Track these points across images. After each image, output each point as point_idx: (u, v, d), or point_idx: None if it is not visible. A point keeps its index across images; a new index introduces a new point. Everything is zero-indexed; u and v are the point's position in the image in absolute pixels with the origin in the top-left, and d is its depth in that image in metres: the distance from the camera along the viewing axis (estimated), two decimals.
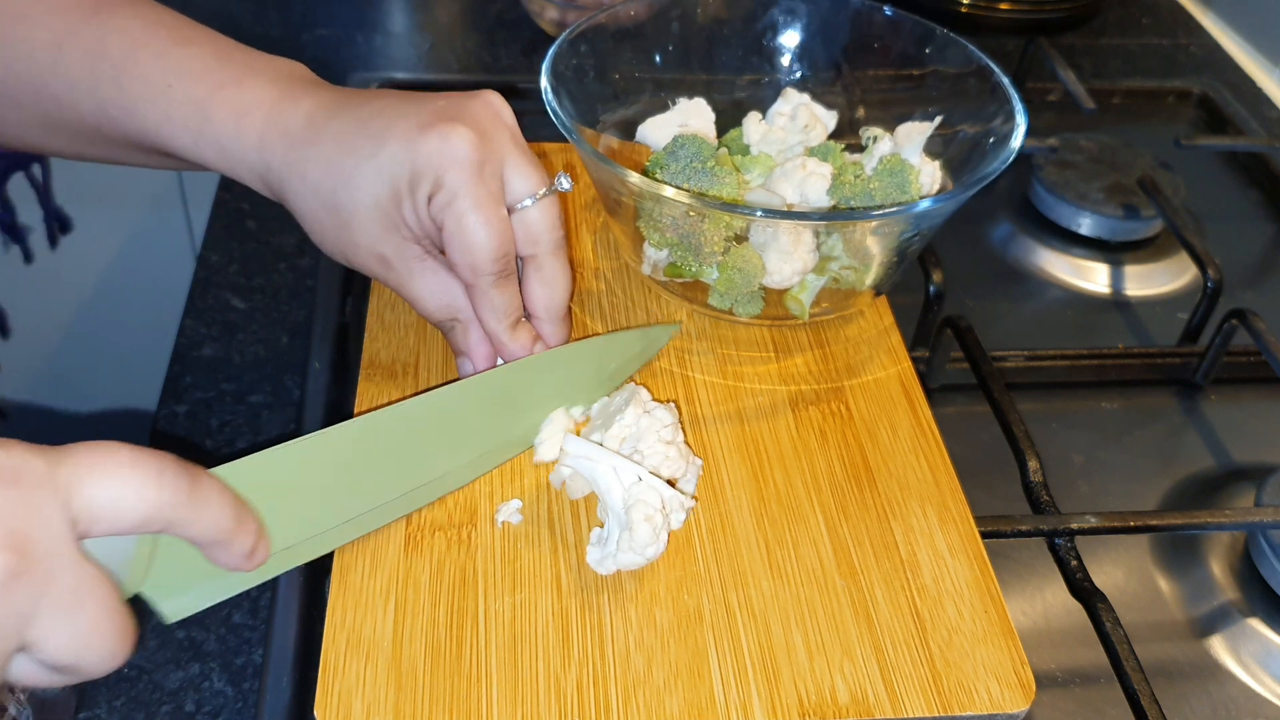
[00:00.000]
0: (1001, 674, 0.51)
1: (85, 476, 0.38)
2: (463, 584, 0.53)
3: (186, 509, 0.41)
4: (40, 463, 0.38)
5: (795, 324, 0.67)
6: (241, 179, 0.59)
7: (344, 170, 0.55)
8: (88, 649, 0.38)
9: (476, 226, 0.54)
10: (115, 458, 0.39)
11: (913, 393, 0.63)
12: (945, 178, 0.68)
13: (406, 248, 0.57)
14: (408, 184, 0.54)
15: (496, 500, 0.56)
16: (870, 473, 0.59)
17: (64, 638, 0.38)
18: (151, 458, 0.40)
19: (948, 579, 0.54)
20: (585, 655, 0.50)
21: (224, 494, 0.43)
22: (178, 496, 0.40)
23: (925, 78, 0.72)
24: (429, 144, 0.54)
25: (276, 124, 0.56)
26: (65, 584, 0.37)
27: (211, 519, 0.42)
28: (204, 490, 0.42)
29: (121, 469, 0.39)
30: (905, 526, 0.57)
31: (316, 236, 0.58)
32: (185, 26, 0.59)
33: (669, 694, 0.49)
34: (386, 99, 0.57)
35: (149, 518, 0.40)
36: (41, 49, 0.57)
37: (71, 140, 0.61)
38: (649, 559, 0.52)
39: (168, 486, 0.40)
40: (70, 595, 0.37)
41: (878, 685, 0.50)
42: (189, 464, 0.42)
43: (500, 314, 0.57)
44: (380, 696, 0.48)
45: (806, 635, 0.52)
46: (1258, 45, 1.13)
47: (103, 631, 0.38)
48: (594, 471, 0.54)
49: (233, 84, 0.57)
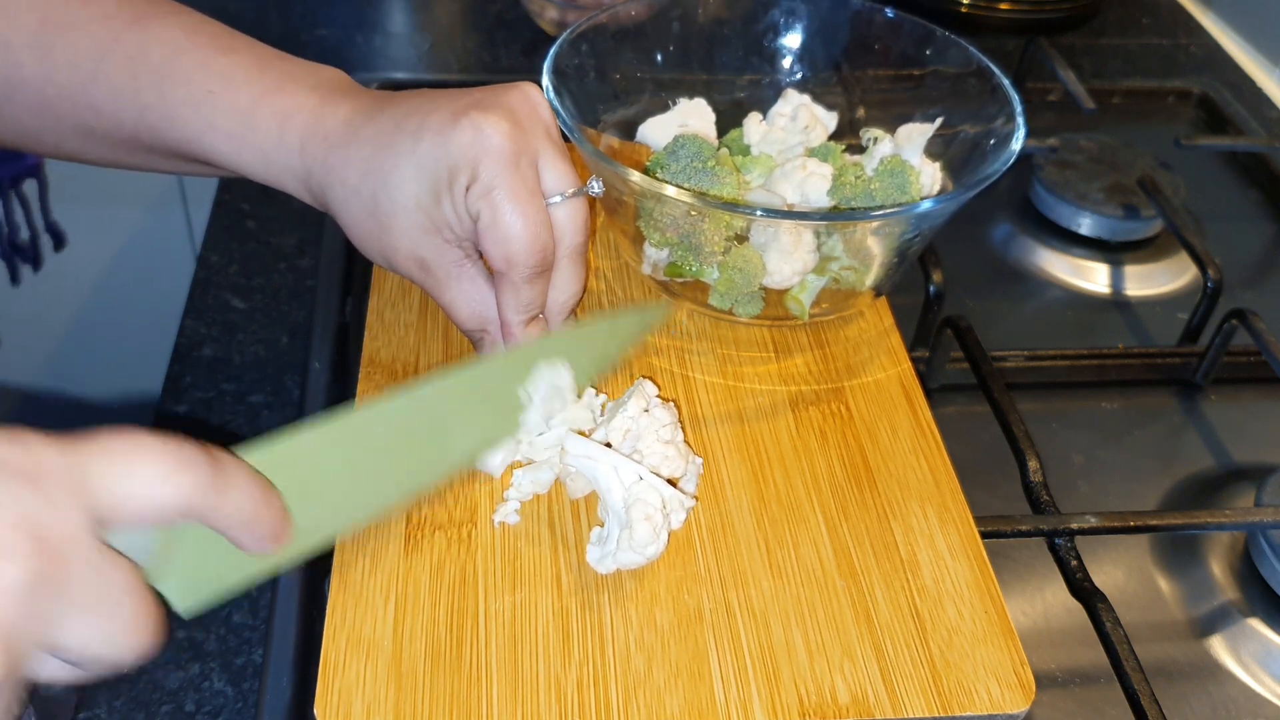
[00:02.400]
0: (1001, 674, 0.51)
1: (107, 468, 0.37)
2: (463, 583, 0.53)
3: (212, 494, 0.40)
4: (59, 456, 0.37)
5: (795, 324, 0.67)
6: (285, 187, 0.58)
7: (382, 170, 0.55)
8: (118, 644, 0.37)
9: (512, 217, 0.53)
10: (139, 447, 0.38)
11: (913, 393, 0.63)
12: (945, 179, 0.68)
13: (446, 251, 0.56)
14: (446, 179, 0.54)
15: (497, 499, 0.56)
16: (870, 473, 0.59)
17: (92, 636, 0.37)
18: (173, 444, 0.39)
19: (948, 579, 0.54)
20: (585, 654, 0.50)
21: (248, 475, 0.42)
22: (202, 481, 0.39)
23: (925, 78, 0.72)
24: (462, 135, 0.53)
25: (317, 129, 0.56)
26: (90, 582, 0.36)
27: (237, 502, 0.41)
28: (228, 473, 0.41)
29: (144, 458, 0.38)
30: (905, 527, 0.57)
31: (359, 241, 0.58)
32: (226, 34, 0.59)
33: (669, 694, 0.49)
34: (423, 97, 0.57)
35: (175, 506, 0.39)
36: (84, 58, 0.57)
37: (109, 149, 0.60)
38: (649, 558, 0.52)
39: (191, 472, 0.39)
40: (96, 593, 0.36)
41: (878, 685, 0.50)
42: (210, 447, 0.40)
43: (522, 308, 0.56)
44: (380, 695, 0.48)
45: (807, 635, 0.52)
46: (1258, 45, 1.13)
47: (131, 623, 0.38)
48: (594, 470, 0.54)
49: (275, 91, 0.57)
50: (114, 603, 0.37)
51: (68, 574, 0.36)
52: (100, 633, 0.37)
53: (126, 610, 0.37)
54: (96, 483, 0.37)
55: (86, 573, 0.36)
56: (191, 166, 0.61)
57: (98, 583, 0.37)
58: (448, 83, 1.00)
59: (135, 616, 0.38)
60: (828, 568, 0.54)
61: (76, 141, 0.60)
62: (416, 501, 0.55)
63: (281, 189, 0.58)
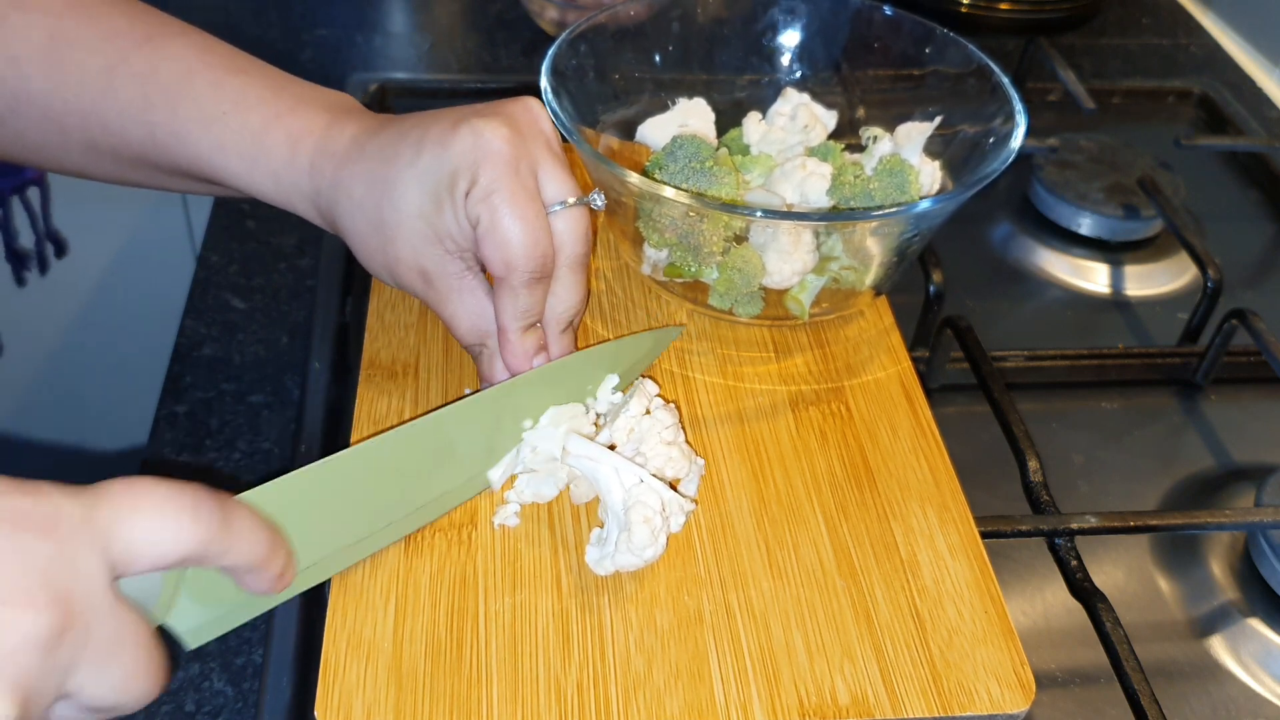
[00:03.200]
0: (1001, 674, 0.51)
1: (122, 518, 0.38)
2: (463, 585, 0.53)
3: (222, 540, 0.41)
4: (75, 507, 0.38)
5: (795, 324, 0.67)
6: (294, 208, 0.59)
7: (386, 181, 0.55)
8: (126, 692, 0.39)
9: (511, 220, 0.53)
10: (151, 496, 0.39)
11: (913, 393, 0.63)
12: (945, 178, 0.68)
13: (448, 263, 0.56)
14: (447, 185, 0.54)
15: (498, 502, 0.56)
16: (870, 473, 0.59)
17: (104, 686, 0.38)
18: (185, 492, 0.40)
19: (948, 580, 0.54)
20: (585, 656, 0.50)
21: (256, 521, 0.44)
22: (213, 530, 0.41)
23: (925, 78, 0.72)
24: (462, 140, 0.54)
25: (326, 148, 0.57)
26: (104, 634, 0.38)
27: (246, 548, 0.43)
28: (237, 520, 0.42)
29: (157, 507, 0.39)
30: (905, 527, 0.57)
31: (364, 256, 0.58)
32: (237, 56, 0.59)
33: (669, 695, 0.49)
34: (427, 114, 0.57)
35: (187, 553, 0.40)
36: (93, 75, 0.57)
37: (114, 165, 0.60)
38: (646, 561, 0.52)
39: (203, 520, 0.40)
40: (109, 645, 0.38)
41: (878, 686, 0.50)
42: (220, 494, 0.42)
43: (520, 315, 0.56)
44: (381, 697, 0.48)
45: (807, 636, 0.52)
46: (1258, 45, 1.13)
47: (140, 675, 0.39)
48: (595, 472, 0.54)
49: (288, 113, 0.57)
50: (126, 652, 0.38)
51: (86, 626, 0.37)
52: (112, 681, 0.38)
53: (138, 659, 0.39)
54: (113, 532, 0.38)
55: (103, 624, 0.37)
56: (196, 185, 0.61)
57: (112, 634, 0.38)
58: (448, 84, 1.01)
59: (145, 665, 0.39)
60: (828, 568, 0.54)
61: (82, 157, 0.60)
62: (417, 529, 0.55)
63: (290, 209, 0.59)
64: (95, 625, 0.37)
